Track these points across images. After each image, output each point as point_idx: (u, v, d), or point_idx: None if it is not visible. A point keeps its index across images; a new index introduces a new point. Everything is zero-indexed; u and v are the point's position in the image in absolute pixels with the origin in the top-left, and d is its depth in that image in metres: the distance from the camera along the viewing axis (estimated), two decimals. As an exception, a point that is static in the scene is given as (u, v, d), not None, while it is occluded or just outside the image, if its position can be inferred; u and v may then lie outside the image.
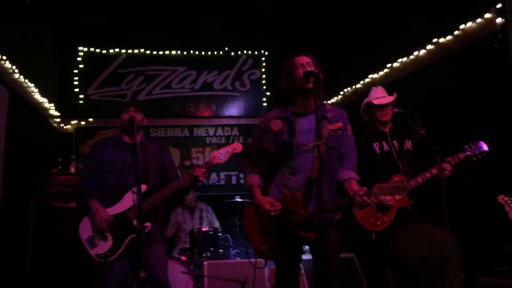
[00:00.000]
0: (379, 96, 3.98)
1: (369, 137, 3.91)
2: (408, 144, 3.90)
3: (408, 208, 3.69)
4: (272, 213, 2.90)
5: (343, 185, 2.98)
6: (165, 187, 3.45)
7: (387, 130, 3.96)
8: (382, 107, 3.93)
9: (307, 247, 3.42)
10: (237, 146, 3.59)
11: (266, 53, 7.73)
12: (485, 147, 3.59)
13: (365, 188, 2.77)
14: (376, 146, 3.88)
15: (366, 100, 4.05)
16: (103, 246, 3.37)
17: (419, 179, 3.63)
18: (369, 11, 5.82)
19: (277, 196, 3.01)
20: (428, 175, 3.62)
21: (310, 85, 2.86)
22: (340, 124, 3.02)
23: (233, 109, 7.56)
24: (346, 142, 3.06)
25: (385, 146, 3.87)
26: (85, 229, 3.44)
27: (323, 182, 2.71)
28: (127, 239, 3.35)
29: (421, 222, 3.47)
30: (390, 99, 3.94)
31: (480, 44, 4.13)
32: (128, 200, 3.41)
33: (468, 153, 3.61)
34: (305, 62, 2.97)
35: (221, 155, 3.55)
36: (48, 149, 6.24)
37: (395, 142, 3.89)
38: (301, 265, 4.33)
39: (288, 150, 2.95)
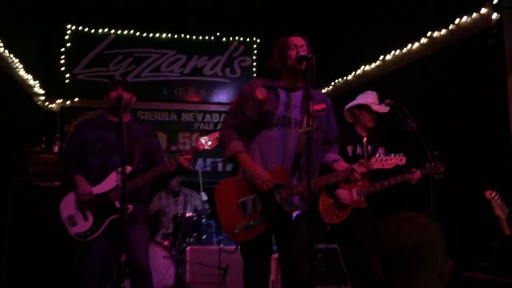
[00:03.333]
0: (376, 103, 4.06)
1: (344, 138, 3.96)
2: (381, 151, 4.02)
3: (363, 209, 3.93)
4: (265, 187, 2.73)
5: (332, 165, 3.01)
6: (149, 170, 3.39)
7: (365, 134, 4.07)
8: (374, 114, 4.03)
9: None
10: None
11: (258, 40, 7.63)
12: (441, 170, 3.68)
13: (362, 160, 2.93)
14: (349, 148, 4.03)
15: (360, 101, 4.11)
16: (83, 225, 3.32)
17: (378, 186, 3.84)
18: (363, 2, 5.77)
19: None
20: (386, 183, 3.81)
21: (303, 67, 2.81)
22: (323, 106, 3.03)
23: (222, 96, 7.47)
24: (332, 127, 3.11)
25: (358, 150, 4.03)
26: (67, 208, 3.38)
27: (303, 162, 2.82)
28: (107, 220, 3.30)
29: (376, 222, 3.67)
30: (387, 109, 4.01)
31: (475, 39, 4.11)
32: (111, 181, 3.35)
33: (427, 172, 3.70)
34: (298, 44, 2.93)
35: (209, 141, 3.49)
36: (32, 127, 6.11)
37: (369, 147, 4.04)
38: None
39: (270, 120, 2.89)
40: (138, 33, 7.28)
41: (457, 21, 4.30)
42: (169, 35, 7.37)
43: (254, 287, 2.90)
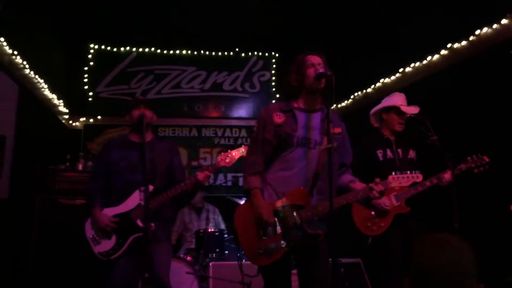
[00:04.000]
0: (405, 104, 3.92)
1: (373, 143, 3.92)
2: (412, 154, 3.90)
3: (407, 215, 3.70)
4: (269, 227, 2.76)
5: (349, 185, 2.98)
6: (170, 189, 3.41)
7: (392, 138, 3.94)
8: (403, 116, 3.87)
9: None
10: (246, 149, 3.50)
11: (277, 54, 7.69)
12: (486, 160, 3.56)
13: (378, 179, 2.84)
14: (379, 153, 3.89)
15: (388, 103, 3.98)
16: (106, 245, 3.36)
17: (419, 187, 3.64)
18: (382, 14, 5.76)
19: (273, 197, 2.87)
20: (428, 183, 3.62)
21: (322, 85, 2.83)
22: (339, 130, 2.99)
23: (242, 111, 7.53)
24: (347, 150, 3.09)
25: (389, 154, 3.88)
26: (91, 227, 3.44)
27: (320, 183, 2.80)
28: (130, 239, 3.34)
29: (423, 231, 3.53)
30: (417, 110, 3.85)
31: (495, 50, 4.07)
32: (133, 200, 3.39)
33: (471, 165, 3.59)
34: (316, 62, 2.92)
35: (228, 158, 3.50)
36: (56, 145, 6.23)
37: (399, 150, 3.90)
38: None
39: (289, 143, 2.88)
40: (158, 51, 7.43)
41: (477, 32, 4.28)
42: (189, 51, 7.49)
43: None
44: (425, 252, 1.41)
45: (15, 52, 4.89)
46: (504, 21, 3.99)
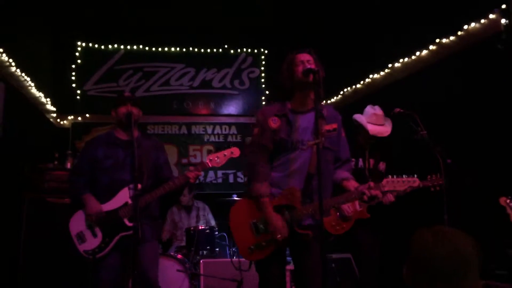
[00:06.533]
0: (376, 123, 4.09)
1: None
2: (382, 166, 4.09)
3: (366, 220, 4.00)
4: (279, 236, 2.81)
5: (342, 183, 3.02)
6: (159, 188, 3.39)
7: (367, 146, 4.13)
8: (372, 136, 4.07)
9: (289, 258, 3.47)
10: (235, 151, 3.51)
11: (266, 51, 7.66)
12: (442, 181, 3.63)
13: (372, 183, 2.86)
14: (352, 161, 4.00)
15: (362, 120, 4.12)
16: (92, 243, 3.33)
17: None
18: (370, 10, 5.77)
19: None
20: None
21: (311, 79, 2.82)
22: (335, 125, 3.03)
23: (232, 108, 7.50)
24: (343, 145, 3.11)
25: (360, 163, 4.09)
26: (76, 225, 3.39)
27: (314, 182, 2.83)
28: (116, 237, 3.31)
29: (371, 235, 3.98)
30: (387, 132, 4.06)
31: (484, 45, 4.09)
32: (121, 198, 3.36)
33: (428, 184, 3.62)
34: (305, 59, 2.94)
35: (218, 159, 3.49)
36: (44, 144, 6.17)
37: (371, 160, 4.09)
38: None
39: (285, 147, 2.93)
40: (147, 48, 7.37)
41: (465, 27, 4.29)
42: (178, 49, 7.45)
43: None
44: (424, 244, 1.41)
45: (1, 50, 4.81)
46: (491, 16, 4.01)
